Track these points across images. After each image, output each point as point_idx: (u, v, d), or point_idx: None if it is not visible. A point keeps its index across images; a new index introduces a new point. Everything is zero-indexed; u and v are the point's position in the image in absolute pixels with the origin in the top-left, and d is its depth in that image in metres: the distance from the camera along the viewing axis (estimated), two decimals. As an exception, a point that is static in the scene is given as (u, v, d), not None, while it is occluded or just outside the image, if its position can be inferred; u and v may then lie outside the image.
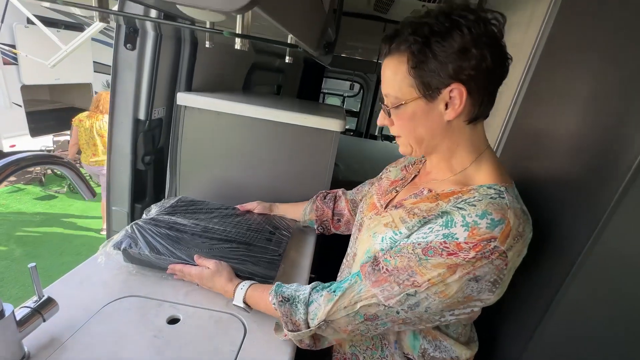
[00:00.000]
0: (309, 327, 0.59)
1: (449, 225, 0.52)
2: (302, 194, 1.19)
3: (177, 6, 0.66)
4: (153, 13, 0.90)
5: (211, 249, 0.81)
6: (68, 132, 5.36)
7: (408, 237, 0.58)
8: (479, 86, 0.54)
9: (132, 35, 0.99)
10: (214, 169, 1.20)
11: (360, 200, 0.94)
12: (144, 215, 0.94)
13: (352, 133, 3.43)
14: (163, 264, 0.76)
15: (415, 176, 0.73)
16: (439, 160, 0.64)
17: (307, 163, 1.17)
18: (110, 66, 1.03)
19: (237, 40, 0.51)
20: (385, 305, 0.54)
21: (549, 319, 0.67)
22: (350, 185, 1.08)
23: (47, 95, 6.59)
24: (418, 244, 0.54)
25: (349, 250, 0.79)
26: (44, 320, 0.57)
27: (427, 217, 0.57)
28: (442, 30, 0.51)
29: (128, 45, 1.00)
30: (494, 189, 0.55)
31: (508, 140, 0.96)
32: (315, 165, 1.17)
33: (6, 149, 5.05)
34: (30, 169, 5.26)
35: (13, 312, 0.51)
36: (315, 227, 1.04)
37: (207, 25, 0.63)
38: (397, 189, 0.73)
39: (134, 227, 0.82)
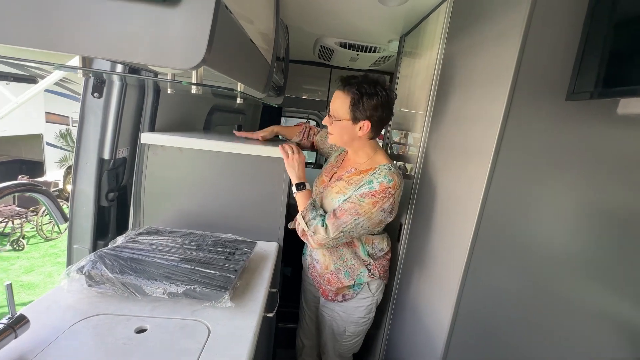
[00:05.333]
0: (307, 227, 1.08)
1: (371, 184, 1.04)
2: (261, 217, 1.31)
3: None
4: (119, 67, 1.05)
5: (172, 269, 0.89)
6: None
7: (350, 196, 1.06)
8: (376, 124, 1.08)
9: (100, 85, 1.12)
10: (177, 201, 1.29)
11: (321, 146, 1.47)
12: (109, 245, 1.00)
13: (312, 165, 3.65)
14: (128, 283, 0.82)
15: (344, 160, 1.24)
16: (354, 152, 1.18)
17: (264, 189, 1.31)
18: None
19: (193, 87, 0.66)
20: (342, 232, 1.03)
21: (466, 275, 0.84)
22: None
23: (-11, 148, 6.18)
24: (358, 194, 1.04)
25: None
26: (16, 337, 0.62)
27: (358, 185, 1.07)
28: (370, 93, 1.03)
29: (95, 94, 1.12)
30: (387, 165, 1.08)
31: (428, 150, 1.19)
32: (271, 190, 1.31)
33: (-63, 209, 4.58)
34: (-35, 229, 4.76)
35: (-11, 325, 0.57)
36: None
37: (169, 77, 0.78)
38: (334, 169, 1.25)
39: (97, 253, 0.89)
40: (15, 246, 4.61)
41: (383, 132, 1.33)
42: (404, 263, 1.30)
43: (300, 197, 1.16)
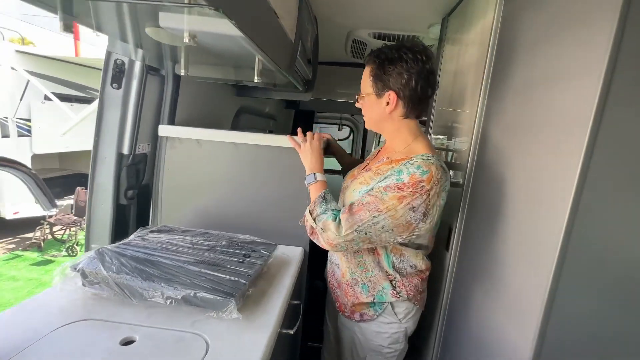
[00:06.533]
0: (315, 223, 0.89)
1: (400, 174, 0.82)
2: (285, 218, 1.16)
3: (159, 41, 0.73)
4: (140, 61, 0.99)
5: (175, 270, 0.76)
6: (72, 196, 5.48)
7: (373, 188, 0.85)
8: (405, 97, 0.86)
9: (119, 76, 1.07)
10: (195, 199, 1.19)
11: None
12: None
13: (340, 173, 3.48)
14: (123, 283, 0.71)
15: (379, 151, 1.04)
16: (390, 139, 0.97)
17: (289, 185, 1.16)
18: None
19: (185, 35, 0.55)
20: (357, 231, 0.82)
21: (552, 300, 0.60)
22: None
23: (57, 163, 6.89)
24: (382, 187, 0.82)
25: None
26: (-22, 340, 0.52)
27: (385, 174, 0.85)
28: (391, 57, 0.85)
29: (114, 84, 1.08)
30: (426, 155, 0.84)
31: (484, 131, 0.97)
32: (296, 186, 1.16)
33: (9, 216, 5.12)
34: (30, 235, 5.26)
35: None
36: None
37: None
38: (368, 161, 1.06)
39: (98, 250, 0.79)
40: (69, 252, 4.96)
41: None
42: (454, 279, 1.06)
43: (311, 190, 0.98)
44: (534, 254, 0.66)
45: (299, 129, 1.09)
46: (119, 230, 1.20)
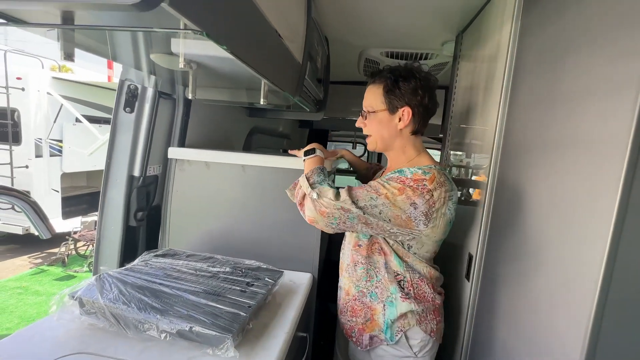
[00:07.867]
0: (310, 189, 0.87)
1: (402, 172, 0.85)
2: (292, 240, 1.12)
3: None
4: (151, 80, 1.01)
5: (173, 299, 0.72)
6: (96, 213, 5.68)
7: None
8: (419, 113, 0.89)
9: (131, 100, 1.10)
10: (203, 222, 1.17)
11: None
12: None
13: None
14: (118, 314, 0.68)
15: (383, 172, 1.03)
16: (395, 154, 0.95)
17: (296, 208, 1.12)
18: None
19: (180, 60, 0.54)
20: (353, 203, 0.81)
21: (596, 341, 0.51)
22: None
23: (85, 181, 7.22)
24: (385, 178, 0.85)
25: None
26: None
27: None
28: (405, 75, 0.87)
29: (127, 108, 1.10)
30: (428, 166, 0.86)
31: (504, 149, 0.90)
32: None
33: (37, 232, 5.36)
34: (56, 250, 5.46)
35: None
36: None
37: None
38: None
39: (99, 276, 0.77)
40: (90, 268, 5.09)
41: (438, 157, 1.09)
42: (477, 314, 0.96)
43: (308, 163, 0.98)
44: (572, 287, 0.58)
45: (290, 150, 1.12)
46: (128, 253, 1.20)
